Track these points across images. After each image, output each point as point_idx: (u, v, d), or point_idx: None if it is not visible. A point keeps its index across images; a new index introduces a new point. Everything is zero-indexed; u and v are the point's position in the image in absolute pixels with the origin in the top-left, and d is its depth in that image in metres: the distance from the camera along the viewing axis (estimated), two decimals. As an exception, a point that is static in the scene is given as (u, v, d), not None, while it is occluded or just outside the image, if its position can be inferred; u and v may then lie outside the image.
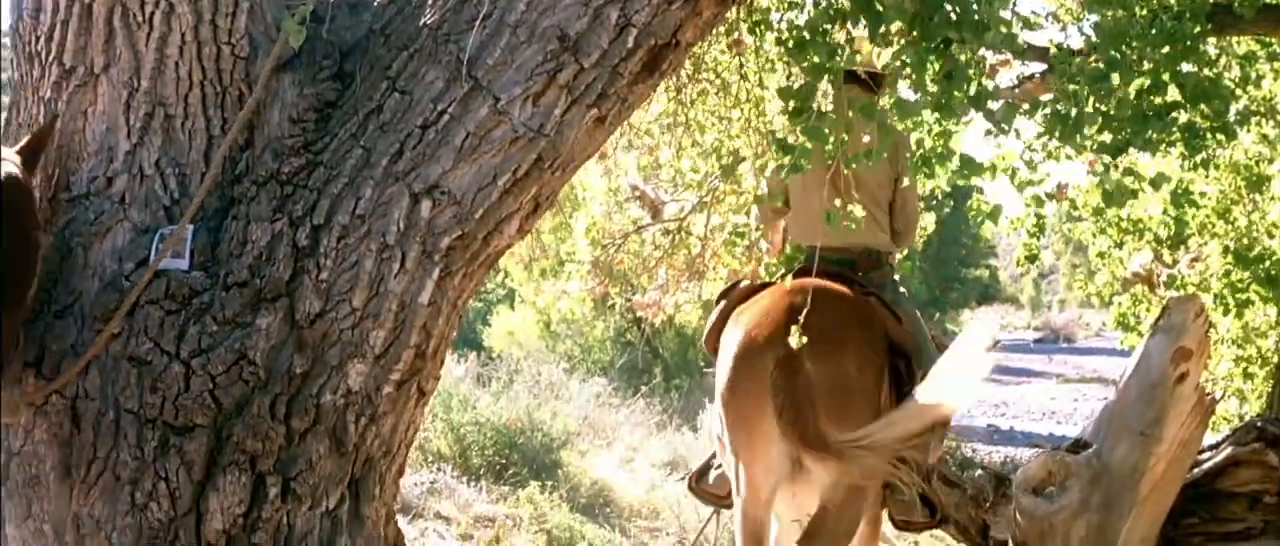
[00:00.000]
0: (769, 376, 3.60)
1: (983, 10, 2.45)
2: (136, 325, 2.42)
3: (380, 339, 2.46)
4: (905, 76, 2.61)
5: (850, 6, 2.59)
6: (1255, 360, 6.33)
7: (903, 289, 4.58)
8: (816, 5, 2.67)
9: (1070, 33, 4.71)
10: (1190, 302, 4.59)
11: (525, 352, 12.63)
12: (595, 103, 2.48)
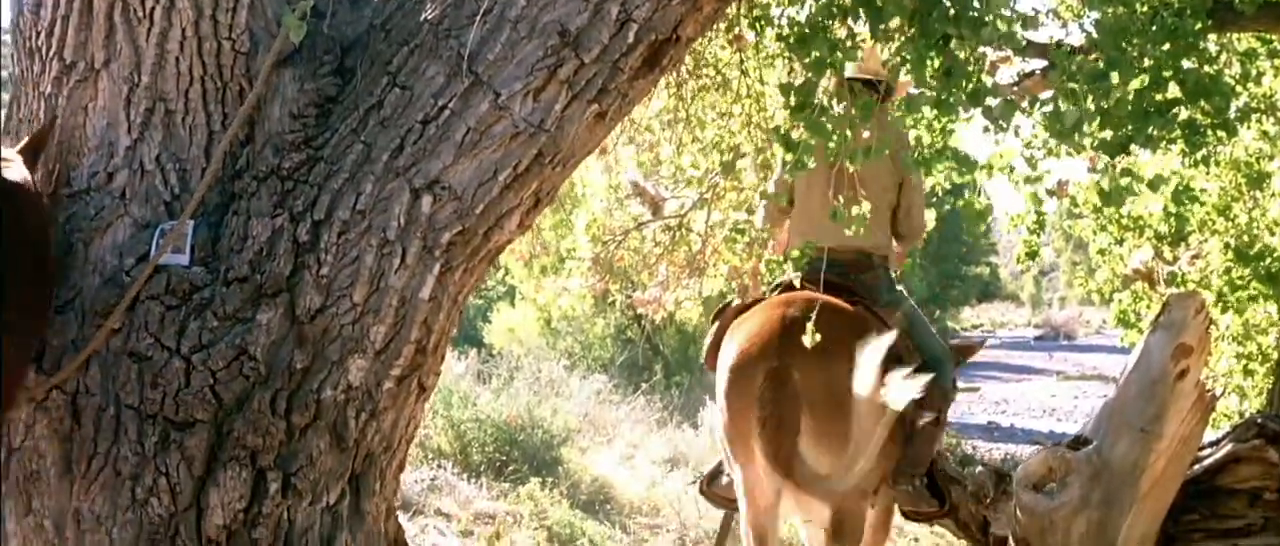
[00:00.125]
0: (757, 388, 3.70)
1: (981, 6, 2.45)
2: (137, 320, 2.42)
3: (381, 334, 2.45)
4: (905, 73, 2.61)
5: (850, 2, 2.59)
6: (1256, 357, 6.32)
7: (899, 287, 4.61)
8: (817, 0, 2.67)
9: (1071, 29, 4.69)
10: (1190, 299, 4.59)
11: (526, 349, 12.63)
12: (596, 98, 2.48)
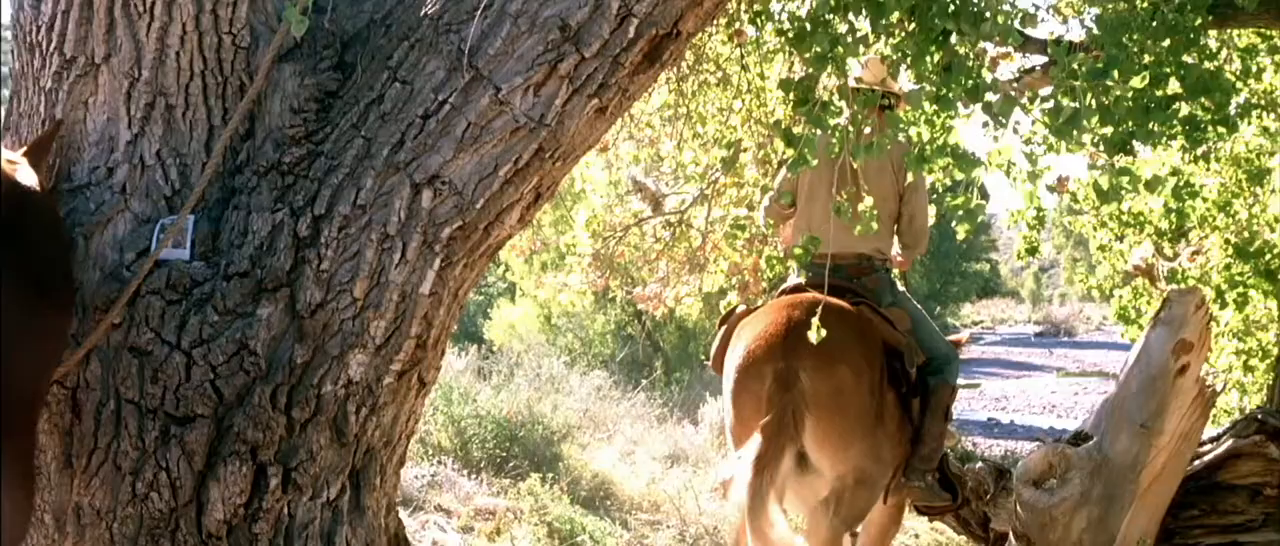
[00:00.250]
0: (766, 388, 3.74)
1: (980, 1, 2.45)
2: (137, 315, 2.42)
3: (381, 329, 2.45)
4: (905, 68, 2.62)
5: (851, -3, 2.59)
6: (1256, 353, 6.33)
7: (900, 287, 4.64)
8: (817, -4, 2.67)
9: (1072, 25, 4.70)
10: (1191, 295, 4.60)
11: (526, 346, 12.64)
12: (596, 93, 2.48)
